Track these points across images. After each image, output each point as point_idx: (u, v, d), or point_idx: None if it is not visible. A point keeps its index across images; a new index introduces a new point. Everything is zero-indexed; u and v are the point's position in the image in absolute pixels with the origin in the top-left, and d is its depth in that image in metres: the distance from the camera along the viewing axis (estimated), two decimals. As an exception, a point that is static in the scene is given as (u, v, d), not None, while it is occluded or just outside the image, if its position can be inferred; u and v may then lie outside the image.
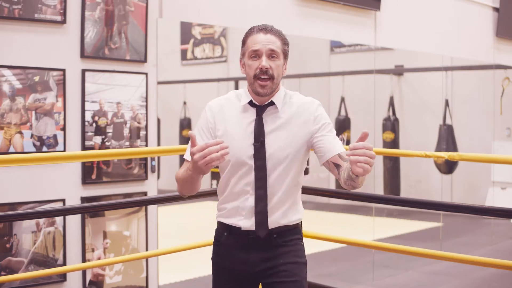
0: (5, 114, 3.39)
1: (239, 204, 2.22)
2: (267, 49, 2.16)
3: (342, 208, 8.88)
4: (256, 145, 2.17)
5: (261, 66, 2.15)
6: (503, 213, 2.95)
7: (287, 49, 2.23)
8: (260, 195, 2.18)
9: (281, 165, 2.19)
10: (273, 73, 2.16)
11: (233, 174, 2.22)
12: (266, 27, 2.20)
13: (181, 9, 4.23)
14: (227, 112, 2.24)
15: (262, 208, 2.19)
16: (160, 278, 4.19)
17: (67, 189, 3.65)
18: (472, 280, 5.30)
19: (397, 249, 3.28)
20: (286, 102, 2.24)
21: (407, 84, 9.33)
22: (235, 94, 2.29)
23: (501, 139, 8.08)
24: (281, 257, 2.23)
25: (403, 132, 8.77)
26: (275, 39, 2.18)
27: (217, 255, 2.32)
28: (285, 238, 2.24)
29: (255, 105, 2.22)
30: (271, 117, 2.21)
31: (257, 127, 2.19)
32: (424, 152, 3.01)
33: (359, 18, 5.39)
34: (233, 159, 2.18)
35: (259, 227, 2.19)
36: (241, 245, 2.23)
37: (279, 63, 2.19)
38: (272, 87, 2.18)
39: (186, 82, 10.57)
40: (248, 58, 2.19)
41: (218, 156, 1.92)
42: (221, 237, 2.29)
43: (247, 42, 2.20)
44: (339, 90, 8.82)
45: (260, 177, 2.18)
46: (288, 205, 2.24)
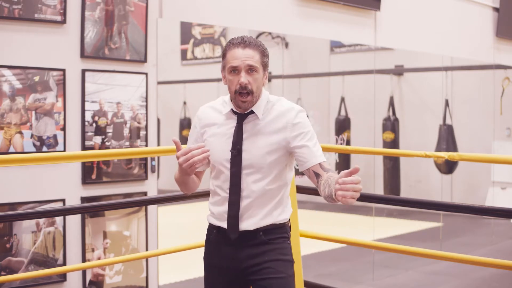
0: (5, 114, 3.39)
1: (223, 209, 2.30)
2: (245, 65, 2.21)
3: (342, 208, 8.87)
4: (233, 152, 2.25)
5: (240, 82, 2.21)
6: (503, 213, 2.95)
7: (266, 61, 2.28)
8: (232, 200, 2.27)
9: (258, 171, 2.26)
10: (252, 88, 2.22)
11: (216, 178, 2.31)
12: (245, 40, 2.25)
13: (181, 9, 4.23)
14: (213, 118, 2.33)
15: (234, 212, 2.27)
16: (160, 278, 4.19)
17: (67, 189, 3.65)
18: (472, 280, 5.30)
19: (397, 249, 3.28)
20: (268, 109, 2.29)
21: (407, 84, 9.33)
22: (222, 100, 2.36)
23: (501, 139, 8.08)
24: (267, 254, 2.29)
25: (403, 132, 8.77)
26: (253, 53, 2.23)
27: (207, 253, 2.40)
28: (270, 236, 2.30)
29: (237, 113, 2.29)
30: (250, 124, 2.28)
31: (236, 135, 2.27)
32: (424, 152, 3.01)
33: (359, 18, 5.39)
34: (216, 164, 2.29)
35: (230, 230, 2.28)
36: (229, 242, 2.30)
37: (258, 77, 2.24)
38: (253, 100, 2.24)
39: (186, 82, 10.57)
40: (228, 73, 2.25)
41: (200, 159, 2.11)
42: (210, 235, 2.38)
43: (227, 57, 2.26)
44: (339, 90, 8.82)
45: (234, 183, 2.26)
46: (270, 207, 2.30)
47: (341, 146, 3.65)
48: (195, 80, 10.83)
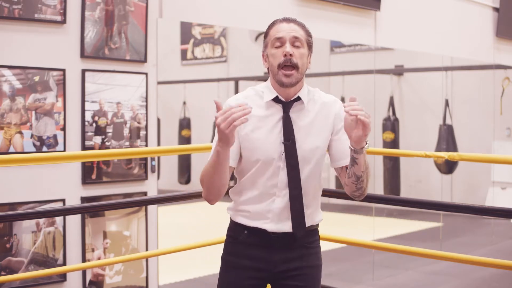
0: (5, 114, 3.39)
1: (264, 207, 2.13)
2: (291, 36, 2.08)
3: (342, 208, 8.88)
4: (287, 144, 2.08)
5: (285, 52, 2.06)
6: (503, 213, 2.95)
7: (311, 40, 2.14)
8: (294, 195, 2.10)
9: (310, 163, 2.12)
10: (297, 62, 2.07)
11: (259, 175, 2.12)
12: (289, 18, 2.14)
13: (181, 9, 4.22)
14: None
15: (298, 207, 2.11)
16: (160, 278, 4.19)
17: (67, 189, 3.65)
18: (472, 280, 5.30)
19: (397, 249, 3.28)
20: (311, 98, 2.16)
21: (407, 84, 9.33)
22: (254, 91, 2.18)
23: (501, 139, 8.08)
24: (304, 259, 2.17)
25: (403, 132, 8.77)
26: (299, 28, 2.11)
27: (232, 254, 2.20)
28: (308, 239, 2.19)
29: (281, 101, 2.12)
30: (298, 114, 2.12)
31: (286, 125, 2.10)
32: (424, 152, 3.01)
33: (359, 18, 5.39)
34: (263, 158, 2.09)
35: (297, 227, 2.12)
36: (263, 244, 2.14)
37: (303, 52, 2.10)
38: (298, 76, 2.09)
39: (186, 82, 10.57)
40: (271, 47, 2.10)
41: (240, 115, 1.84)
42: (239, 235, 2.18)
43: (270, 33, 2.13)
44: (339, 90, 8.82)
45: (293, 176, 2.09)
46: (314, 207, 2.20)
47: (341, 146, 3.63)
48: (195, 80, 10.83)
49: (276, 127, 2.10)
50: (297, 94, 2.13)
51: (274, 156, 2.09)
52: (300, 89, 2.14)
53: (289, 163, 2.09)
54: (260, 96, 2.15)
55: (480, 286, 5.19)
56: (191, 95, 10.41)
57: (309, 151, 2.12)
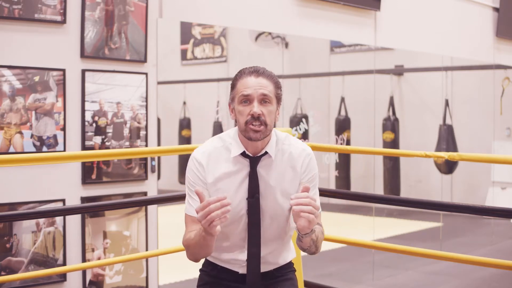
0: (5, 114, 3.39)
1: (234, 256, 2.14)
2: (259, 94, 2.01)
3: (342, 208, 8.88)
4: (250, 201, 2.05)
5: (253, 112, 1.99)
6: (503, 213, 2.94)
7: (280, 93, 2.08)
8: (253, 253, 2.09)
9: (277, 219, 2.10)
10: (265, 120, 2.01)
11: (229, 230, 2.10)
12: (258, 69, 2.05)
13: (181, 9, 4.22)
14: (217, 164, 2.09)
15: (254, 267, 2.10)
16: (160, 278, 4.19)
17: (67, 189, 3.65)
18: (472, 280, 5.30)
19: (397, 249, 3.28)
20: (279, 149, 2.12)
21: (407, 84, 9.33)
22: (222, 143, 2.12)
23: (501, 139, 8.08)
24: (279, 284, 2.18)
25: (403, 132, 8.77)
26: (268, 83, 2.03)
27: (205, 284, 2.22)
28: (282, 271, 2.21)
29: (248, 156, 2.08)
30: (265, 168, 2.09)
31: (252, 182, 2.06)
32: (424, 152, 3.01)
33: (359, 18, 5.39)
34: (230, 217, 2.01)
35: (251, 282, 2.12)
36: (237, 279, 2.15)
37: (272, 109, 2.03)
38: (266, 132, 2.03)
39: (186, 82, 10.57)
40: (238, 103, 2.03)
41: (219, 214, 1.81)
42: (212, 271, 2.20)
43: (237, 86, 2.05)
44: (339, 90, 8.82)
45: (254, 234, 2.08)
46: (283, 250, 2.20)
47: (341, 146, 3.65)
48: (195, 80, 10.83)
49: (243, 183, 2.07)
50: (265, 148, 2.08)
51: (241, 214, 2.07)
52: (268, 142, 2.10)
53: (250, 221, 2.07)
54: (227, 149, 2.10)
55: (480, 286, 5.18)
56: (191, 95, 10.41)
57: (276, 206, 2.09)
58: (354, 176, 8.31)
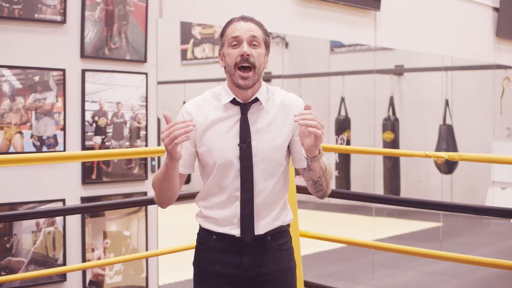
0: (5, 114, 3.39)
1: (230, 213, 2.08)
2: (248, 36, 2.03)
3: (342, 208, 8.87)
4: (242, 146, 2.04)
5: (242, 52, 2.00)
6: (503, 213, 2.95)
7: (268, 40, 2.09)
8: (246, 199, 2.05)
9: (269, 165, 2.07)
10: (254, 61, 2.02)
11: (222, 178, 2.07)
12: (246, 16, 2.09)
13: (181, 9, 4.23)
14: (207, 113, 2.09)
15: (248, 212, 2.05)
16: (160, 278, 4.19)
17: (67, 189, 3.65)
18: (472, 280, 5.30)
19: (397, 249, 3.28)
20: (269, 97, 2.11)
21: (407, 84, 9.33)
22: (212, 93, 2.14)
23: (501, 139, 8.08)
24: (276, 262, 2.12)
25: (403, 132, 8.77)
26: (256, 28, 2.06)
27: (202, 260, 2.16)
28: (279, 241, 2.14)
29: (239, 103, 2.07)
30: (256, 115, 2.08)
31: (243, 127, 2.05)
32: (424, 152, 3.01)
33: (359, 18, 5.39)
34: (219, 162, 2.04)
35: (245, 232, 2.06)
36: (233, 249, 2.09)
37: (261, 52, 2.05)
38: (254, 78, 2.03)
39: (186, 82, 10.57)
40: (228, 46, 2.05)
41: (182, 132, 1.83)
42: (208, 241, 2.13)
43: (227, 31, 2.07)
44: (339, 90, 8.82)
45: (246, 179, 2.04)
46: (280, 207, 2.13)
47: (341, 146, 3.65)
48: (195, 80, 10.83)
49: (233, 129, 2.06)
50: (255, 95, 2.08)
51: (231, 159, 2.04)
52: (258, 89, 2.09)
53: (242, 166, 2.04)
54: (217, 99, 2.11)
55: (480, 286, 5.19)
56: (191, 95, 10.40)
57: (268, 151, 2.06)
58: (354, 176, 8.31)
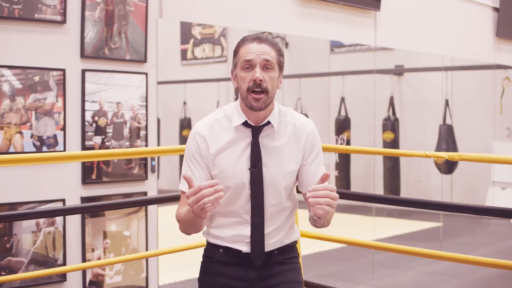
0: (5, 114, 3.39)
1: (239, 233, 2.08)
2: (261, 60, 2.00)
3: (342, 208, 8.85)
4: (253, 171, 2.02)
5: (255, 77, 1.98)
6: (503, 213, 2.94)
7: (282, 61, 2.07)
8: (256, 224, 2.05)
9: (280, 189, 2.07)
10: (267, 86, 2.00)
11: (231, 202, 2.07)
12: (260, 36, 2.06)
13: (181, 9, 4.22)
14: (219, 135, 2.06)
15: (259, 236, 2.05)
16: (160, 278, 4.19)
17: (67, 189, 3.65)
18: (472, 280, 5.30)
19: (397, 249, 3.28)
20: (282, 120, 2.09)
21: (407, 84, 9.33)
22: (224, 113, 2.10)
23: (501, 139, 8.08)
24: (283, 275, 2.12)
25: (403, 132, 8.77)
26: (270, 49, 2.03)
27: (208, 273, 2.15)
28: (286, 255, 2.14)
29: (250, 126, 2.05)
30: (268, 139, 2.06)
31: (254, 151, 2.03)
32: (424, 152, 3.01)
33: (359, 18, 5.39)
34: (232, 186, 2.04)
35: (255, 256, 2.06)
36: (239, 262, 2.09)
37: (274, 76, 2.02)
38: (267, 101, 2.01)
39: (186, 82, 10.57)
40: (241, 69, 2.04)
41: (212, 200, 1.79)
42: (214, 254, 2.13)
43: (240, 52, 2.06)
44: (339, 90, 8.82)
45: (257, 204, 2.04)
46: (288, 227, 2.15)
47: (341, 146, 3.65)
48: (195, 80, 10.83)
49: (245, 153, 2.04)
50: (267, 118, 2.06)
51: (244, 182, 2.03)
52: (271, 111, 2.08)
53: (253, 191, 2.03)
54: (229, 119, 2.08)
55: (480, 286, 5.19)
56: (191, 95, 10.41)
57: (279, 177, 2.06)
58: (354, 176, 8.31)
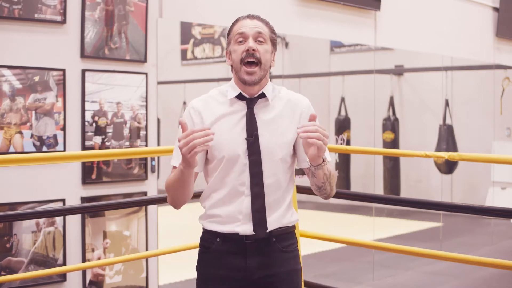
0: (5, 114, 3.39)
1: (234, 209, 2.05)
2: (254, 32, 2.05)
3: (342, 208, 8.87)
4: (249, 140, 2.03)
5: (248, 47, 2.02)
6: (503, 213, 2.95)
7: (275, 38, 2.10)
8: (256, 193, 2.03)
9: (276, 160, 2.05)
10: (260, 57, 2.03)
11: (226, 173, 2.05)
12: (253, 14, 2.12)
13: (181, 9, 4.23)
14: (214, 108, 2.08)
15: (259, 206, 2.03)
16: (160, 278, 4.19)
17: (67, 189, 3.65)
18: (472, 280, 5.30)
19: (397, 249, 3.28)
20: (276, 95, 2.11)
21: (407, 84, 9.33)
22: (218, 91, 2.14)
23: (501, 139, 8.08)
24: (282, 264, 2.10)
25: (403, 132, 8.77)
26: (262, 25, 2.09)
27: (206, 264, 2.13)
28: (284, 243, 2.11)
29: (245, 98, 2.08)
30: (263, 109, 2.08)
31: (250, 121, 2.05)
32: (424, 152, 3.01)
33: (359, 18, 5.39)
34: (227, 156, 2.03)
35: (258, 227, 2.03)
36: (238, 251, 2.06)
37: (267, 48, 2.06)
38: (260, 73, 2.03)
39: (186, 82, 10.57)
40: (234, 43, 2.07)
41: (201, 141, 1.81)
42: (212, 244, 2.10)
43: (233, 29, 2.10)
44: (339, 90, 8.82)
45: (256, 173, 2.03)
46: (286, 204, 2.11)
47: (341, 146, 3.65)
48: (195, 80, 10.83)
49: (239, 123, 2.06)
50: (261, 90, 2.08)
51: (239, 153, 2.03)
52: (265, 85, 2.10)
53: (251, 160, 2.03)
54: (224, 95, 2.11)
55: (480, 286, 5.19)
56: (191, 95, 10.41)
57: (275, 146, 2.05)
58: (354, 176, 8.31)
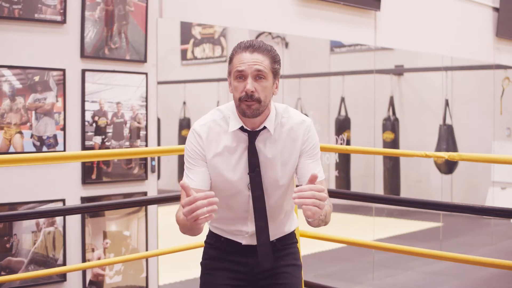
0: (5, 114, 3.39)
1: (238, 228, 2.18)
2: (253, 70, 2.00)
3: (342, 208, 8.87)
4: (251, 175, 2.07)
5: (246, 89, 1.99)
6: (503, 213, 2.95)
7: (277, 68, 2.07)
8: (260, 227, 2.12)
9: (279, 191, 2.13)
10: (259, 97, 2.00)
11: (231, 201, 2.13)
12: (253, 44, 2.04)
13: (181, 9, 4.22)
14: (216, 138, 2.09)
15: (264, 240, 2.13)
16: (160, 278, 4.19)
17: (67, 189, 3.65)
18: (472, 280, 5.30)
19: (397, 249, 3.28)
20: (278, 123, 2.11)
21: (407, 84, 9.32)
22: (222, 115, 2.12)
23: (501, 139, 8.07)
24: (281, 259, 2.22)
25: (403, 132, 8.76)
26: (263, 58, 2.02)
27: (210, 257, 2.25)
28: (284, 242, 2.25)
29: (247, 131, 2.08)
30: (265, 143, 2.09)
31: (251, 156, 2.07)
32: (424, 152, 3.01)
33: (359, 18, 5.39)
34: (231, 190, 2.10)
35: (264, 260, 2.14)
36: (240, 250, 2.20)
37: (267, 85, 2.02)
38: (260, 109, 2.02)
39: (186, 82, 10.57)
40: (234, 78, 2.03)
41: (205, 213, 1.78)
42: (216, 242, 2.24)
43: (233, 61, 2.04)
44: (339, 90, 8.81)
45: (259, 208, 2.10)
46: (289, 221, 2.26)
47: (341, 146, 3.65)
48: (195, 80, 10.83)
49: (242, 158, 2.08)
50: (263, 123, 2.08)
51: (241, 188, 2.09)
52: (267, 116, 2.09)
53: (254, 196, 2.09)
54: (226, 122, 2.10)
55: (480, 286, 5.18)
56: (191, 95, 10.41)
57: (277, 178, 2.11)
58: (354, 176, 8.31)
